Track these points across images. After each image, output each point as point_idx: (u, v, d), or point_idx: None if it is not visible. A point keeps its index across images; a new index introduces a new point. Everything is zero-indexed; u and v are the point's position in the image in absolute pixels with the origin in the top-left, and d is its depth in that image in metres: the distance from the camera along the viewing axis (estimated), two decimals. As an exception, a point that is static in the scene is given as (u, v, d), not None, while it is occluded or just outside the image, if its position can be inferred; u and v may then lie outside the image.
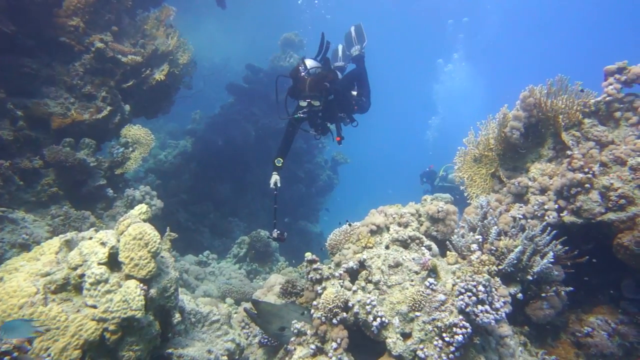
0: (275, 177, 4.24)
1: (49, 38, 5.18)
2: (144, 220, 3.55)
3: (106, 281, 2.65)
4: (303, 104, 3.96)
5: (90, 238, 3.15)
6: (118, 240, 2.87)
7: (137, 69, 5.57)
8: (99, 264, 2.69)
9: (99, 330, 2.54)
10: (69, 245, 3.03)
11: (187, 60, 6.12)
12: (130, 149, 5.54)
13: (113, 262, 2.77)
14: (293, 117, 4.16)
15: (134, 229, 2.82)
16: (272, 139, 11.91)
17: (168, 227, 3.55)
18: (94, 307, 2.60)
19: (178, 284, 3.03)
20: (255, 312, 3.19)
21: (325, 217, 15.53)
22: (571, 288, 2.96)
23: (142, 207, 3.59)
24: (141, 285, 2.71)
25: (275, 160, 4.29)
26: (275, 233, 3.87)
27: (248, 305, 3.25)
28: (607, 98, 3.89)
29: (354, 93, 4.74)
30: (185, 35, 6.26)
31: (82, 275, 2.68)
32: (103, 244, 2.80)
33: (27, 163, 4.88)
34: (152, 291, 2.79)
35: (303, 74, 4.00)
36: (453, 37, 29.29)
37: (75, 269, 2.71)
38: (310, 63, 4.18)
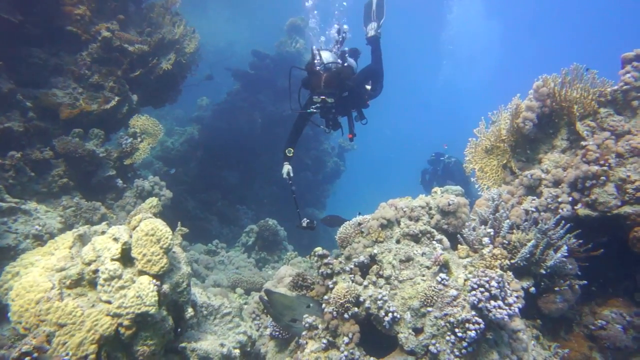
0: (287, 167, 4.23)
1: (55, 27, 5.15)
2: (155, 214, 3.58)
3: (120, 277, 2.68)
4: (317, 99, 3.91)
5: (103, 232, 3.18)
6: (130, 236, 2.89)
7: (144, 58, 5.53)
8: (112, 259, 2.71)
9: (114, 325, 2.57)
10: (82, 239, 3.06)
11: (194, 49, 6.06)
12: (139, 139, 5.54)
13: (126, 257, 2.79)
14: (305, 112, 4.11)
15: (146, 225, 2.83)
16: (279, 126, 11.86)
17: (179, 222, 3.56)
18: (109, 302, 2.63)
19: (190, 278, 3.05)
20: (268, 302, 3.21)
21: (333, 204, 15.55)
22: (585, 282, 2.94)
23: (152, 201, 3.61)
24: (154, 281, 2.73)
25: (286, 151, 4.28)
26: (305, 222, 3.91)
27: (262, 293, 3.28)
28: (625, 86, 3.79)
29: (368, 87, 4.65)
30: (189, 20, 6.18)
31: (96, 271, 2.70)
32: (116, 239, 2.82)
33: (38, 154, 4.90)
34: (165, 287, 2.81)
35: (318, 68, 3.94)
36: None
37: (89, 264, 2.74)
38: (326, 56, 4.13)
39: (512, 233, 3.02)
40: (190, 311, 3.06)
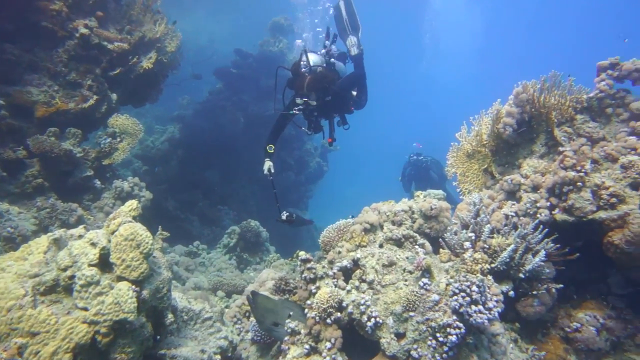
0: (268, 164, 4.22)
1: (30, 23, 4.97)
2: (134, 217, 3.49)
3: (97, 283, 2.60)
4: (299, 101, 3.92)
5: (80, 236, 3.08)
6: (109, 241, 2.81)
7: (123, 57, 5.40)
8: (90, 265, 2.63)
9: (91, 333, 2.49)
10: (58, 244, 2.96)
11: (176, 48, 5.94)
12: (118, 139, 5.41)
13: (104, 263, 2.71)
14: (288, 113, 4.11)
15: (126, 230, 2.76)
16: (261, 126, 11.77)
17: (160, 227, 3.49)
18: (85, 309, 2.55)
19: (171, 284, 2.99)
20: (253, 302, 3.19)
21: (316, 205, 15.56)
22: (561, 285, 3.01)
23: (132, 204, 3.51)
24: (133, 287, 2.66)
25: (267, 147, 4.26)
26: (284, 215, 3.91)
27: (249, 294, 3.25)
28: (599, 94, 3.90)
29: (354, 93, 4.65)
30: (169, 15, 6.06)
31: (72, 277, 2.62)
32: (93, 244, 2.74)
33: (10, 153, 4.74)
34: (145, 292, 2.75)
35: (304, 70, 3.94)
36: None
37: (65, 270, 2.65)
38: (313, 58, 4.12)
39: (493, 237, 3.07)
40: (170, 317, 3.01)
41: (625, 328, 3.06)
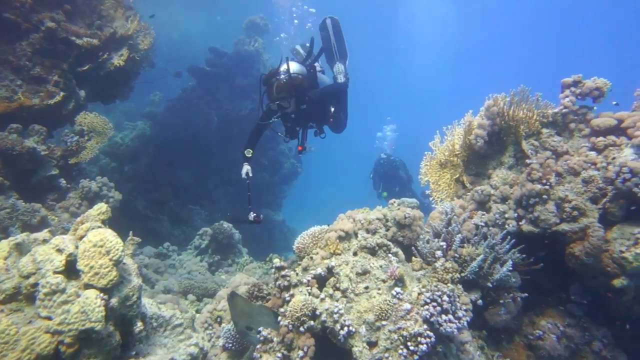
0: (246, 168, 4.23)
1: (-9, 13, 4.72)
2: (104, 221, 3.38)
3: (63, 291, 2.50)
4: (273, 107, 3.98)
5: (45, 241, 2.95)
6: (76, 247, 2.71)
7: (93, 53, 5.20)
8: (55, 272, 2.53)
9: (54, 343, 2.39)
10: (20, 249, 2.82)
11: (148, 45, 5.78)
12: (86, 138, 5.22)
13: (71, 270, 2.61)
14: (267, 123, 4.17)
15: (95, 236, 2.66)
16: (235, 125, 11.64)
17: (131, 232, 3.39)
18: (49, 318, 2.44)
19: (141, 291, 2.91)
20: (231, 303, 3.16)
21: (289, 205, 15.53)
22: (526, 294, 3.14)
23: (101, 207, 3.40)
24: (101, 295, 2.57)
25: (245, 152, 4.28)
26: (251, 216, 3.91)
27: (229, 293, 3.22)
28: (564, 110, 4.09)
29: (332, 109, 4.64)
30: (143, 7, 5.89)
31: (35, 285, 2.50)
32: (59, 250, 2.63)
33: (-32, 150, 4.48)
34: (113, 300, 2.66)
35: (283, 76, 3.99)
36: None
37: (27, 277, 2.53)
38: (294, 67, 4.15)
39: (464, 247, 3.16)
40: (139, 325, 2.93)
41: (583, 335, 3.22)
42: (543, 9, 32.26)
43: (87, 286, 2.61)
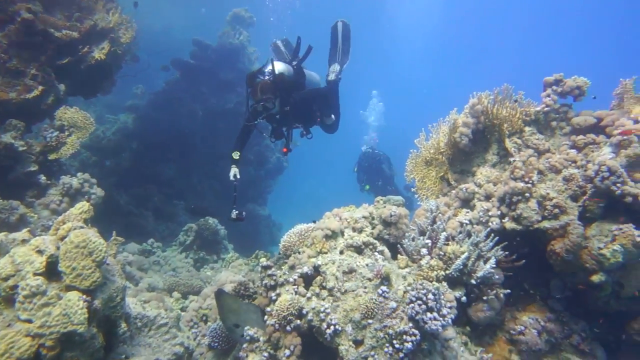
0: (234, 170, 4.18)
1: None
2: (86, 220, 3.31)
3: (43, 293, 2.45)
4: (258, 108, 3.95)
5: (24, 241, 2.89)
6: (57, 248, 2.65)
7: (73, 46, 5.05)
8: (35, 274, 2.47)
9: (35, 346, 2.35)
10: (-2, 250, 2.76)
11: (130, 39, 5.64)
12: (67, 133, 5.08)
13: (52, 271, 2.55)
14: (251, 124, 4.13)
15: (77, 236, 2.61)
16: (221, 119, 11.51)
17: (114, 232, 3.33)
18: (29, 321, 2.39)
19: (125, 292, 2.88)
20: (219, 301, 3.14)
21: (275, 199, 15.48)
22: (509, 291, 3.21)
23: (83, 206, 3.33)
24: (84, 296, 2.53)
25: (233, 154, 4.22)
26: (234, 214, 3.90)
27: (215, 291, 3.19)
28: (545, 108, 4.17)
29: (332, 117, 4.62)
30: (123, 0, 5.73)
31: (14, 287, 2.44)
32: (40, 251, 2.57)
33: (-59, 146, 4.33)
34: (97, 302, 2.62)
35: (267, 77, 3.97)
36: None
37: (6, 279, 2.47)
38: (279, 67, 4.12)
39: (448, 244, 3.20)
40: (123, 326, 2.89)
41: (563, 330, 3.32)
42: (531, 3, 32.58)
43: (69, 288, 2.57)
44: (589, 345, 3.31)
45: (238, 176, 4.17)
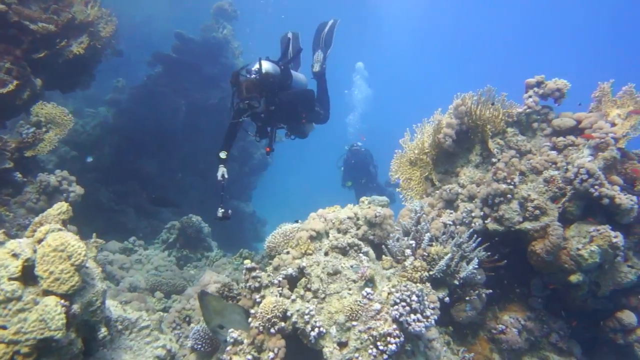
0: (222, 170, 4.20)
1: None
2: (64, 221, 3.23)
3: (19, 299, 2.38)
4: (243, 106, 3.95)
5: (-1, 244, 2.79)
6: (34, 251, 2.57)
7: (50, 39, 4.88)
8: (11, 279, 2.39)
9: (9, 354, 2.28)
10: (-30, 254, 2.66)
11: (110, 33, 5.49)
12: (44, 129, 4.93)
13: (28, 275, 2.48)
14: (238, 122, 4.15)
15: (55, 240, 2.53)
16: (205, 115, 11.34)
17: (94, 234, 3.26)
18: (4, 327, 2.32)
19: (105, 296, 2.82)
20: (202, 302, 3.10)
21: (259, 196, 15.38)
22: (490, 290, 3.26)
23: (62, 206, 3.24)
24: (62, 301, 2.47)
25: (220, 153, 4.23)
26: (220, 212, 3.90)
27: (198, 292, 3.16)
28: (527, 110, 4.23)
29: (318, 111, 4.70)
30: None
31: (-12, 293, 2.37)
32: (15, 255, 2.48)
33: None
34: (75, 307, 2.55)
35: (254, 75, 3.98)
36: None
37: (-21, 285, 2.39)
38: (266, 66, 4.13)
39: (432, 245, 3.23)
40: (103, 331, 2.83)
41: (542, 328, 3.40)
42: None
43: (47, 293, 2.50)
44: (567, 343, 3.40)
45: (226, 176, 4.18)
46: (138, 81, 12.06)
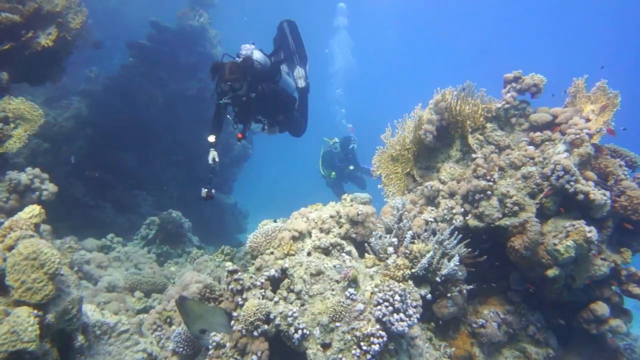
0: (213, 153, 4.21)
1: None
2: (37, 225, 3.11)
3: (-11, 311, 2.29)
4: (224, 87, 3.97)
5: (-36, 253, 2.67)
6: (4, 259, 2.47)
7: (14, 30, 4.63)
8: (-21, 291, 2.30)
9: (-20, 368, 2.21)
10: None
11: (80, 24, 5.24)
12: (12, 125, 4.71)
13: (-3, 285, 2.39)
14: (219, 103, 4.16)
15: (26, 247, 2.44)
16: (182, 106, 11.07)
17: (69, 238, 3.14)
18: (-26, 341, 2.24)
19: (82, 303, 2.74)
20: (181, 308, 3.05)
21: (240, 187, 15.23)
22: (472, 286, 3.32)
23: (33, 209, 3.12)
24: (35, 311, 2.39)
25: (209, 137, 4.23)
26: (204, 192, 3.93)
27: (176, 298, 3.11)
28: (506, 105, 4.27)
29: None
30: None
31: (-45, 306, 2.27)
32: (-17, 265, 2.39)
33: None
34: (50, 316, 2.48)
35: (240, 58, 4.10)
36: None
37: (-55, 297, 2.28)
38: (256, 55, 4.23)
39: (414, 243, 3.25)
40: (80, 339, 2.76)
41: (520, 321, 3.50)
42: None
43: (18, 303, 2.42)
44: (544, 334, 3.51)
45: (217, 159, 4.19)
46: (112, 71, 11.63)
